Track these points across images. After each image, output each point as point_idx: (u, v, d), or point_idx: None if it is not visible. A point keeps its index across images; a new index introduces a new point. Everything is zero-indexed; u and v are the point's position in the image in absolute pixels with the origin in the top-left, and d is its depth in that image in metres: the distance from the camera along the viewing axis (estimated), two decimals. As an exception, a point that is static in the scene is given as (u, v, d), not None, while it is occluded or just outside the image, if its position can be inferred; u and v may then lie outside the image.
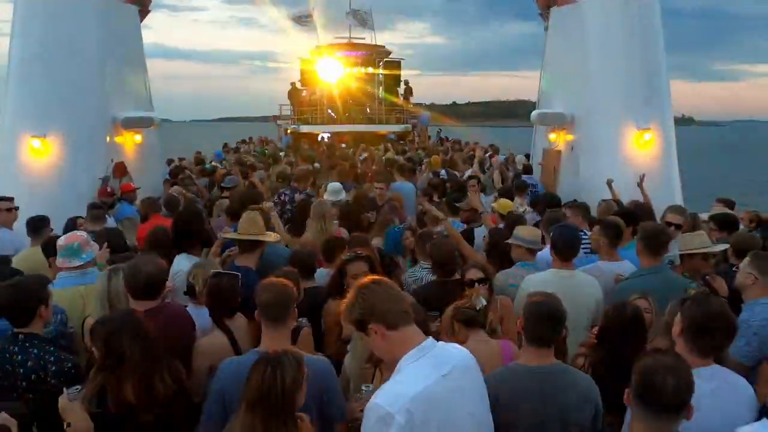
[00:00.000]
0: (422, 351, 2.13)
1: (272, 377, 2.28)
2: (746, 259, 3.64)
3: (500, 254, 4.64)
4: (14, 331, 3.00)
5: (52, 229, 5.48)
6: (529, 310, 2.70)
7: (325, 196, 7.50)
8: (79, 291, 3.86)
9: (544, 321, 2.63)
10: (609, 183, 7.41)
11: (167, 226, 5.19)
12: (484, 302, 3.19)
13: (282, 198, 7.36)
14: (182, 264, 4.31)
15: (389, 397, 2.02)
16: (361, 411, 2.66)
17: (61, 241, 4.04)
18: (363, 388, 2.82)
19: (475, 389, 2.25)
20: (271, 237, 4.55)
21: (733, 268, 4.16)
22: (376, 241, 5.64)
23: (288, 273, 3.62)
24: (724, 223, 5.31)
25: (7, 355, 2.90)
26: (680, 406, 2.10)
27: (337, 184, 7.75)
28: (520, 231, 4.56)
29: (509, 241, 4.54)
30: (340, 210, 6.67)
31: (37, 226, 5.42)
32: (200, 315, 3.61)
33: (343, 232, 5.58)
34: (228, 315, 3.46)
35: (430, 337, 2.23)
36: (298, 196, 7.31)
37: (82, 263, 3.93)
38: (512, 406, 2.50)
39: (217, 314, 3.44)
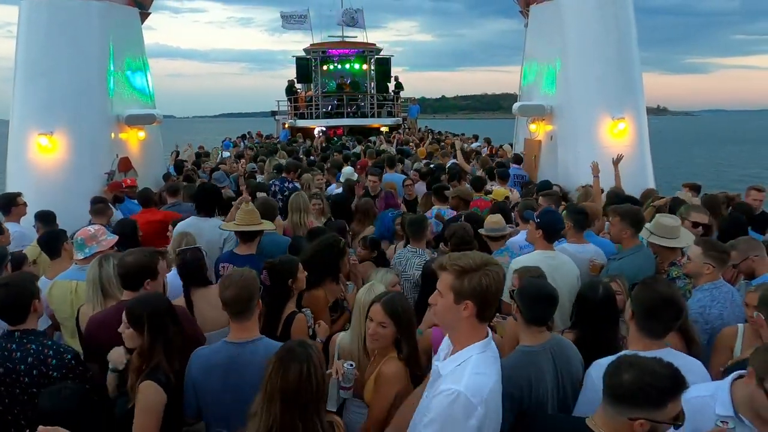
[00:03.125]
0: (488, 344, 2.07)
1: (308, 371, 2.13)
2: (698, 249, 3.53)
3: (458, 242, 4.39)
4: (10, 329, 2.88)
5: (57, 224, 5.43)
6: (530, 293, 2.65)
7: (341, 179, 7.72)
8: (71, 286, 3.80)
9: (545, 302, 2.63)
10: (594, 168, 7.06)
11: (155, 219, 5.61)
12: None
13: (273, 188, 7.43)
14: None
15: (473, 389, 1.93)
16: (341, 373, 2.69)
17: (76, 235, 4.01)
18: (345, 365, 2.75)
19: None
20: (268, 226, 4.53)
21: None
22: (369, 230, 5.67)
23: (288, 260, 3.61)
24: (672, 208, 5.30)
25: (6, 353, 2.78)
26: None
27: (350, 168, 7.95)
28: (486, 223, 4.61)
29: (480, 231, 4.59)
30: (332, 200, 6.68)
31: (48, 219, 5.38)
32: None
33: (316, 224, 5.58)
34: (196, 285, 3.60)
35: (489, 329, 2.14)
36: (286, 185, 7.42)
37: (84, 257, 3.86)
38: (542, 384, 2.50)
39: (185, 283, 3.61)
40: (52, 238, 4.42)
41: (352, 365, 2.73)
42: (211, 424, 2.73)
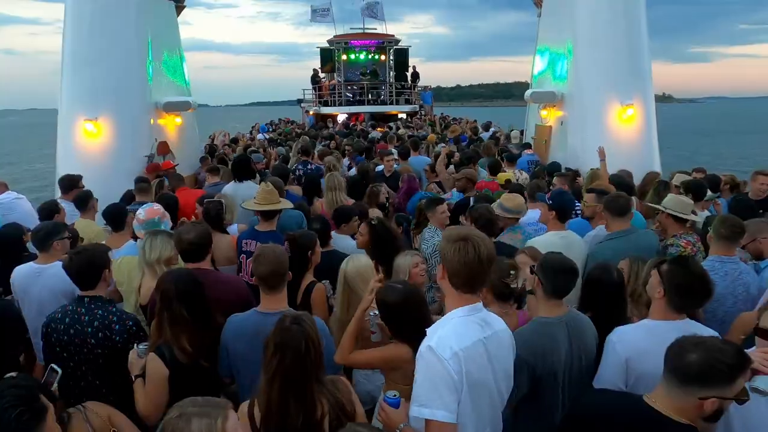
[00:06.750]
0: (474, 310, 2.05)
1: (306, 347, 2.10)
2: (715, 222, 3.52)
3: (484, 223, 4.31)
4: (80, 295, 2.98)
5: (97, 199, 5.40)
6: (551, 266, 2.61)
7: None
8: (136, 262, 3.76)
9: (566, 274, 2.59)
10: (601, 153, 7.01)
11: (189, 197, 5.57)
12: (522, 285, 2.96)
13: (297, 173, 7.38)
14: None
15: (442, 344, 1.94)
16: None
17: (141, 216, 3.95)
18: (369, 313, 2.76)
19: (508, 362, 2.18)
20: (285, 204, 4.50)
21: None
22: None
23: (307, 234, 3.58)
24: (692, 187, 5.06)
25: (76, 317, 2.90)
26: None
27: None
28: (506, 202, 4.47)
29: (497, 212, 4.39)
30: (348, 181, 6.56)
31: (84, 199, 5.34)
32: None
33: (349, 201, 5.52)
34: (214, 229, 4.16)
35: (481, 302, 2.13)
36: (309, 168, 7.40)
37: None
38: (555, 354, 2.47)
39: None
40: (118, 213, 4.58)
41: (375, 314, 2.76)
42: (244, 386, 2.75)
